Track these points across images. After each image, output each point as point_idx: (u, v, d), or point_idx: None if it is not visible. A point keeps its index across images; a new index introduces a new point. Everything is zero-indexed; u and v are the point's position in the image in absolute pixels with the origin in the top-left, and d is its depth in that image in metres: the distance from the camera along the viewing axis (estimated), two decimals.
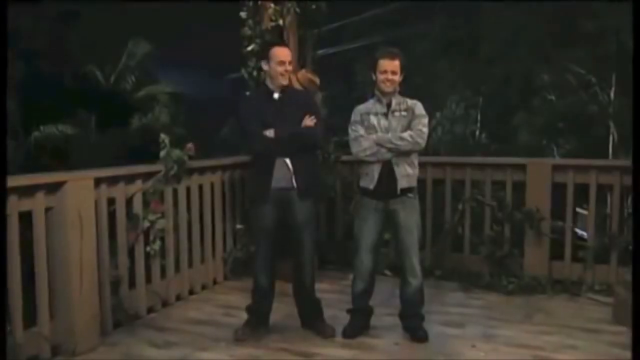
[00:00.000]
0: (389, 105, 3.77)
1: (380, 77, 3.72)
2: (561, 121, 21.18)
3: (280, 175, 3.69)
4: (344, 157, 5.44)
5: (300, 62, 5.12)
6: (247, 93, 4.92)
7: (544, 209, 4.86)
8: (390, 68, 3.71)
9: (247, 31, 5.05)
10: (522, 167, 5.00)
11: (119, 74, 16.90)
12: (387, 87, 3.72)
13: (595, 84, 20.61)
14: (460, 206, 5.19)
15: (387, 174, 3.72)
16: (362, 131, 3.76)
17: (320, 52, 5.42)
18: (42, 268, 3.43)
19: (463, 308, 4.48)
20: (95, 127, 15.01)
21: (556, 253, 4.96)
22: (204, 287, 4.91)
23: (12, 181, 3.15)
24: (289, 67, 3.77)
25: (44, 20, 16.04)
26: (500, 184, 5.13)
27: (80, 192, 3.56)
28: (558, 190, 4.94)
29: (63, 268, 3.50)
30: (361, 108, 3.85)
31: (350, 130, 3.83)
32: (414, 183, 3.80)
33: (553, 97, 21.72)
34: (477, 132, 23.91)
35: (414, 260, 3.80)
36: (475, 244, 5.15)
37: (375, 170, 3.75)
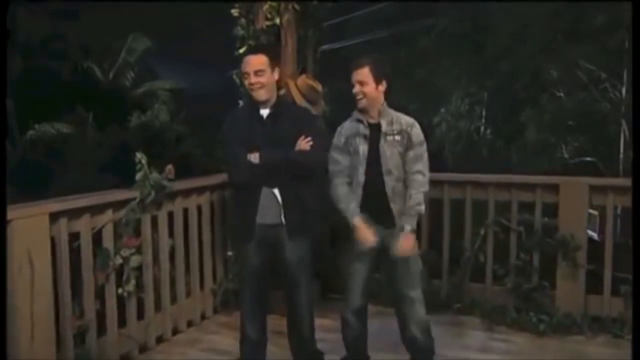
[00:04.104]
0: (378, 127, 3.09)
1: (353, 91, 3.07)
2: (570, 118, 20.51)
3: (266, 209, 3.06)
4: None
5: (300, 65, 4.52)
6: (240, 102, 4.31)
7: (579, 235, 4.24)
8: (357, 78, 3.05)
9: (239, 31, 4.43)
10: (554, 188, 4.37)
11: (117, 70, 16.40)
12: (359, 103, 3.07)
13: (606, 80, 19.94)
14: (482, 231, 4.54)
15: (382, 209, 3.11)
16: (344, 162, 3.12)
17: (324, 47, 4.83)
18: None
19: (486, 354, 3.85)
20: (93, 125, 14.41)
21: (591, 285, 4.34)
22: (190, 324, 4.30)
23: None
24: (260, 79, 3.04)
25: (42, 17, 15.52)
26: (529, 206, 4.50)
27: (30, 230, 2.94)
28: None
29: (8, 323, 2.87)
30: (346, 127, 3.17)
31: (329, 158, 3.18)
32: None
33: (562, 94, 21.06)
34: (482, 129, 23.31)
35: (415, 297, 3.18)
36: (499, 274, 4.52)
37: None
